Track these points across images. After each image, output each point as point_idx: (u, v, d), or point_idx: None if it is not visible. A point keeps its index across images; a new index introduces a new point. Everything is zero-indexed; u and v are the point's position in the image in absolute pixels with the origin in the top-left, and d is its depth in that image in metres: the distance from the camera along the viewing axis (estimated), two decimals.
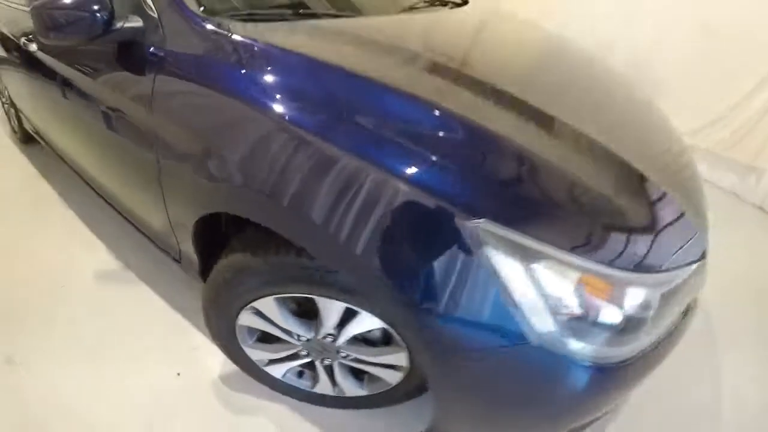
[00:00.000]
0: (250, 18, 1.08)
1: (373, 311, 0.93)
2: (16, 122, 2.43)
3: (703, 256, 0.91)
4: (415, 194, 0.75)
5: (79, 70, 1.30)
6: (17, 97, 2.09)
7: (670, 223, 0.87)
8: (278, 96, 0.88)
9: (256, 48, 0.96)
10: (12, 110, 2.40)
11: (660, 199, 0.90)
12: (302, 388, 1.24)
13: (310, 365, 1.17)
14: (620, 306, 0.76)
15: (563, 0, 3.16)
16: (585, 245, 0.75)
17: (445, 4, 1.67)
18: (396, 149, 0.79)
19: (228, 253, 1.06)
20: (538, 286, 0.72)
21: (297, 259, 0.91)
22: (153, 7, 1.04)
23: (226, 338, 1.17)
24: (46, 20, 0.99)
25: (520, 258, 0.72)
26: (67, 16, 0.98)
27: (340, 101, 0.88)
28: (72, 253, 1.78)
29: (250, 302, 1.03)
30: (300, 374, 1.25)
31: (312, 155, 0.81)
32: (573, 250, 0.73)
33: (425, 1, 1.60)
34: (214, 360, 1.37)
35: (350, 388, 1.17)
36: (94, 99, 1.27)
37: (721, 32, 2.53)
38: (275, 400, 1.29)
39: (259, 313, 1.05)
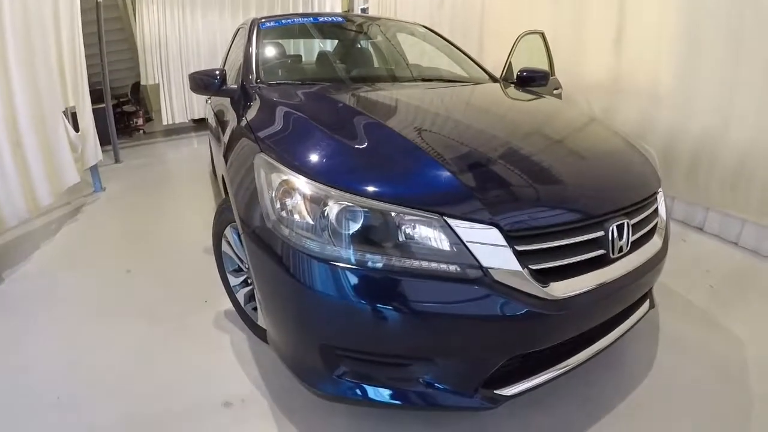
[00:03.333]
0: (277, 83, 2.03)
1: None
2: None
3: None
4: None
5: (219, 106, 2.42)
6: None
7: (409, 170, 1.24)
8: (253, 115, 1.71)
9: (261, 95, 1.87)
10: None
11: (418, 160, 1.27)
12: (255, 321, 1.78)
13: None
14: (315, 209, 1.14)
15: None
16: (309, 167, 1.25)
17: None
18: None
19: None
20: (269, 186, 1.24)
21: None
22: (242, 79, 2.04)
23: (220, 267, 1.85)
24: (196, 81, 2.01)
25: (266, 170, 1.30)
26: (203, 80, 1.99)
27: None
28: None
29: (224, 229, 1.71)
30: (255, 309, 1.80)
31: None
32: (295, 168, 1.23)
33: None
34: None
35: None
36: (222, 119, 2.30)
37: None
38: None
39: (227, 241, 1.72)
